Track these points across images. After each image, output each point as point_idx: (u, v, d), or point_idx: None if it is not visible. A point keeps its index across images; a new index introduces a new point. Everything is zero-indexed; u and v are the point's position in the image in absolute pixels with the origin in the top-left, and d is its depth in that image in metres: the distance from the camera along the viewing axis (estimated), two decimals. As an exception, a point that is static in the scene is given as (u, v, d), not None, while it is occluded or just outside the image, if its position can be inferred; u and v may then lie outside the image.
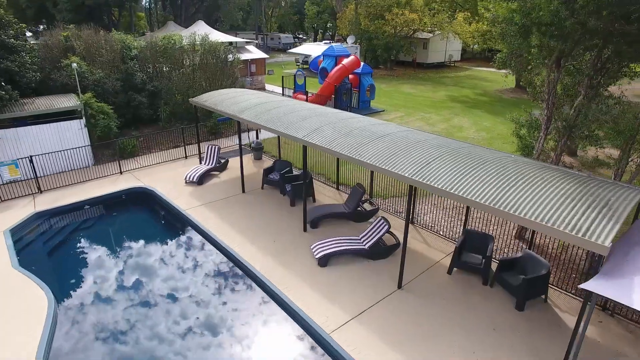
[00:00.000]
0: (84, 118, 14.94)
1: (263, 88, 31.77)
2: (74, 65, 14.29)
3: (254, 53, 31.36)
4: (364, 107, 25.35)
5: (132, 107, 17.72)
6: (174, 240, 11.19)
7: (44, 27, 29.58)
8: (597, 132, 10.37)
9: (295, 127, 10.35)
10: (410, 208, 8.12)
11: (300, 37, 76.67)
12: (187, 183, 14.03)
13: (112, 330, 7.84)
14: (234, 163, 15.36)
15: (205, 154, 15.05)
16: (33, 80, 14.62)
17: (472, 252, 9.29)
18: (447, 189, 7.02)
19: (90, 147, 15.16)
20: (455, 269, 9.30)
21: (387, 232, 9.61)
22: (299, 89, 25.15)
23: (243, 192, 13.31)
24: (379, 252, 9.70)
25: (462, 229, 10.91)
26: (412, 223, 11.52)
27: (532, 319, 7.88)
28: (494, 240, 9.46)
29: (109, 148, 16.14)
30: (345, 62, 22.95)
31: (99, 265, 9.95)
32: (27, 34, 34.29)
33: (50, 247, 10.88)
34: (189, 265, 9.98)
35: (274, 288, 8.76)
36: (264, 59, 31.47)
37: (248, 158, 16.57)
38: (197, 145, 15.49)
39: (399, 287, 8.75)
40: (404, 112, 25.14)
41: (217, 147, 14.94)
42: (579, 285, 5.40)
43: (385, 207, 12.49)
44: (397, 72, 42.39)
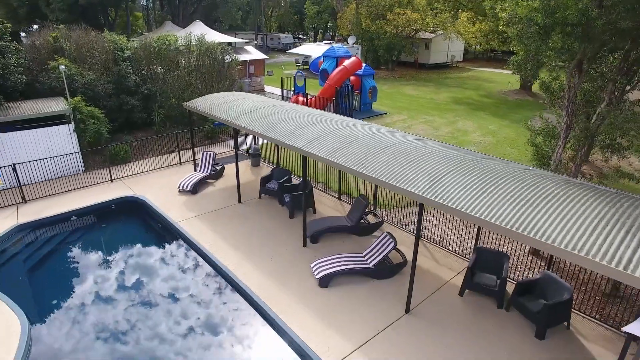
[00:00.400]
0: (73, 123, 14.24)
1: (262, 89, 31.07)
2: (62, 68, 13.58)
3: (253, 54, 30.65)
4: (366, 109, 24.65)
5: (124, 110, 17.00)
6: (165, 256, 10.47)
7: (39, 27, 28.81)
8: (619, 140, 9.65)
9: (294, 135, 9.63)
10: (420, 227, 7.41)
11: (300, 37, 75.93)
12: (180, 192, 13.31)
13: (92, 361, 7.14)
14: (231, 170, 14.63)
15: (200, 161, 14.34)
16: (18, 83, 13.90)
17: (485, 272, 8.57)
18: (461, 209, 6.31)
19: (80, 153, 14.44)
20: (467, 290, 8.59)
21: (393, 249, 8.90)
22: (299, 91, 24.44)
23: (239, 202, 12.59)
24: (385, 271, 8.99)
25: (473, 244, 10.20)
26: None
27: (554, 349, 7.16)
28: (509, 259, 8.74)
29: (100, 154, 15.43)
30: (347, 63, 22.23)
31: (83, 287, 9.23)
32: (21, 34, 33.55)
33: (31, 264, 10.16)
34: (180, 285, 9.26)
35: (271, 312, 8.04)
36: (263, 60, 30.76)
37: (245, 164, 15.86)
38: (192, 151, 14.74)
39: (407, 311, 8.03)
40: (407, 114, 24.42)
41: (212, 153, 14.23)
42: (623, 329, 4.69)
43: (390, 218, 11.77)
44: (398, 72, 41.67)
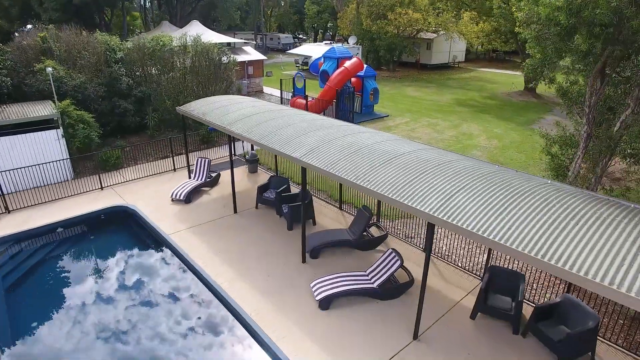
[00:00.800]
0: (62, 128, 13.58)
1: (261, 91, 30.41)
2: (49, 70, 12.92)
3: (251, 54, 29.98)
4: (367, 112, 24.00)
5: (116, 114, 16.34)
6: (154, 274, 9.80)
7: (33, 27, 28.15)
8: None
9: (292, 144, 8.97)
10: (431, 249, 6.75)
11: (300, 37, 75.24)
12: (173, 201, 12.66)
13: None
14: (227, 176, 13.96)
15: (195, 168, 13.67)
16: (3, 86, 13.25)
17: (499, 293, 7.92)
18: (477, 231, 5.65)
19: (68, 160, 13.77)
20: (480, 313, 7.93)
21: (399, 267, 8.24)
22: (298, 93, 23.78)
23: (235, 212, 11.93)
24: (390, 291, 8.34)
25: (484, 260, 9.55)
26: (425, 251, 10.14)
27: (577, 383, 6.52)
28: (525, 279, 8.09)
29: (91, 160, 14.78)
30: (348, 64, 21.57)
31: (65, 307, 8.57)
32: (15, 35, 32.88)
33: (9, 283, 9.48)
34: (170, 306, 8.60)
35: (266, 338, 7.38)
36: (262, 61, 30.09)
37: (242, 171, 15.20)
38: (185, 157, 14.08)
39: (415, 337, 7.38)
40: (410, 117, 23.77)
41: (207, 160, 13.56)
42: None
43: (394, 230, 11.12)
44: (400, 73, 41.03)
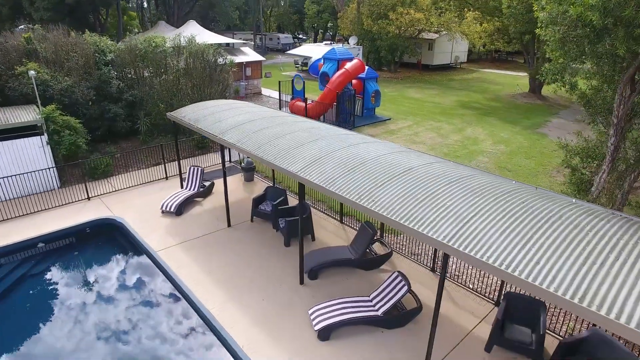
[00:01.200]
0: (46, 134, 12.84)
1: (259, 93, 29.67)
2: (31, 73, 12.17)
3: (250, 55, 29.23)
4: (369, 114, 23.26)
5: (106, 119, 15.58)
6: (139, 296, 9.04)
7: (25, 27, 27.39)
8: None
9: (289, 156, 8.22)
10: (444, 280, 5.99)
11: (300, 37, 74.48)
12: (163, 213, 11.91)
13: None
14: (222, 185, 13.14)
15: (187, 177, 12.92)
16: (-17, 91, 12.51)
17: (517, 323, 7.17)
18: (500, 266, 4.89)
19: (52, 168, 13.01)
20: (496, 346, 7.18)
21: (406, 293, 7.49)
22: (298, 95, 23.03)
23: (229, 225, 11.18)
24: (396, 319, 7.59)
25: (499, 282, 8.80)
26: (433, 271, 9.40)
27: None
28: (546, 308, 7.33)
29: (78, 168, 14.02)
30: (349, 66, 20.82)
31: (39, 336, 7.82)
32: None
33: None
34: (154, 333, 7.85)
35: (260, 375, 6.64)
36: (260, 62, 29.33)
37: (238, 179, 14.45)
38: (177, 166, 13.32)
39: (425, 373, 6.63)
40: (412, 120, 23.02)
41: (200, 169, 12.80)
42: None
43: (399, 246, 10.37)
44: (401, 74, 40.29)
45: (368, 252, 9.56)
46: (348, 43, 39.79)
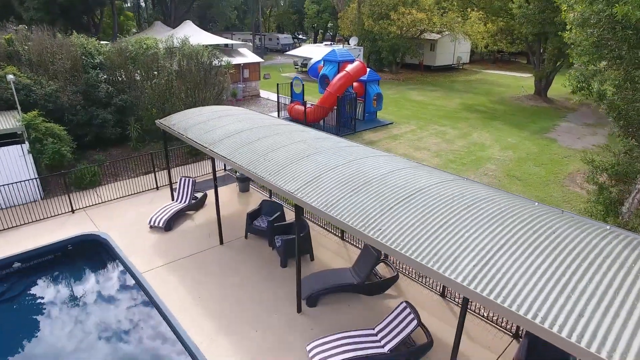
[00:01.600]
0: (28, 142, 12.03)
1: (257, 95, 28.87)
2: (10, 77, 11.37)
3: (248, 56, 28.42)
4: (370, 118, 22.45)
5: (94, 125, 14.76)
6: (121, 325, 8.24)
7: (16, 28, 26.56)
8: None
9: (286, 172, 7.41)
10: (462, 326, 5.19)
11: (300, 37, 73.67)
12: (151, 228, 11.10)
13: None
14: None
15: (178, 189, 12.11)
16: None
17: (542, 364, 6.36)
18: (538, 321, 4.06)
19: (33, 179, 12.20)
20: (518, 389, 6.38)
21: (416, 328, 6.68)
22: (297, 99, 22.21)
23: (221, 243, 10.37)
24: (405, 356, 6.78)
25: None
26: (443, 296, 8.59)
27: None
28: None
29: (64, 177, 13.21)
30: (349, 68, 20.00)
31: (7, 371, 7.03)
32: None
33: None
34: (135, 370, 7.06)
35: None
36: (258, 64, 28.51)
37: (232, 189, 13.64)
38: (168, 176, 12.50)
39: None
40: (416, 124, 22.20)
41: (191, 180, 11.99)
42: None
43: (406, 267, 9.55)
44: (402, 75, 39.47)
45: (372, 274, 8.76)
46: (348, 44, 39.00)
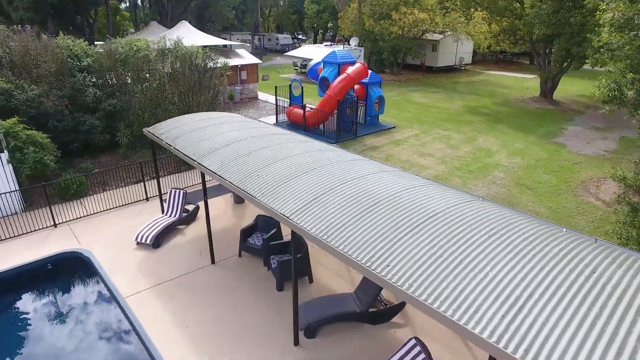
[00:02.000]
0: (6, 152, 11.26)
1: (255, 97, 28.09)
2: (-14, 83, 10.62)
3: (245, 58, 27.64)
4: (372, 122, 21.68)
5: (81, 132, 13.98)
6: (100, 356, 7.46)
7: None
8: None
9: (282, 191, 6.63)
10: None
11: (300, 37, 72.89)
12: (138, 244, 10.33)
13: None
14: (210, 208, 11.50)
15: (167, 201, 11.33)
16: None
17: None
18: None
19: (13, 192, 11.43)
20: None
21: (427, 369, 5.92)
22: (295, 102, 21.43)
23: (212, 262, 9.59)
24: (415, 401, 6.02)
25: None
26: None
27: None
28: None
29: (47, 188, 12.43)
30: (350, 71, 19.21)
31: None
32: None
33: None
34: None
35: None
36: (257, 65, 27.73)
37: (227, 200, 12.87)
38: (157, 188, 11.72)
39: None
40: (419, 128, 21.43)
41: (181, 192, 11.22)
42: None
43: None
44: (404, 76, 38.70)
45: (377, 301, 7.99)
46: (349, 44, 38.21)
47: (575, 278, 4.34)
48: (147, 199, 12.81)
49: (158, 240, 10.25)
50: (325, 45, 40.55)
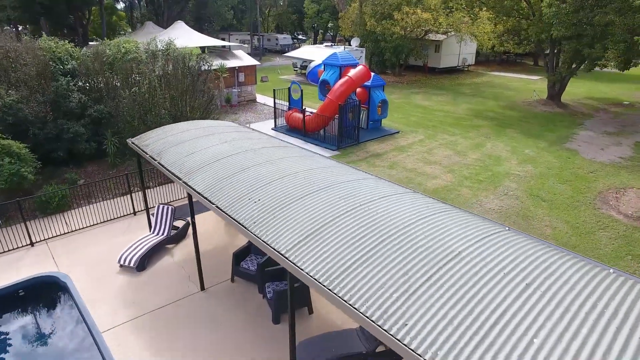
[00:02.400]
0: (-20, 164, 10.37)
1: (254, 100, 27.18)
2: (-44, 90, 9.71)
3: (243, 59, 26.72)
4: (374, 127, 20.77)
5: (65, 140, 13.07)
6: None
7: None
8: None
9: (277, 220, 5.71)
10: None
11: (300, 37, 71.99)
12: (122, 267, 9.42)
13: None
14: (198, 224, 10.57)
15: (155, 217, 10.41)
16: None
17: None
18: None
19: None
20: None
21: None
22: (295, 105, 20.52)
23: (202, 289, 8.68)
24: None
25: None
26: None
27: None
28: None
29: (26, 202, 11.52)
30: (352, 73, 18.29)
31: None
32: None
33: None
34: None
35: None
36: (255, 67, 26.81)
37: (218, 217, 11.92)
38: (144, 202, 10.81)
39: None
40: (424, 133, 20.51)
41: (170, 208, 10.30)
42: None
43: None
44: (406, 78, 37.80)
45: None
46: (349, 45, 37.31)
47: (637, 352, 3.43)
48: (134, 213, 11.90)
49: (143, 262, 9.34)
50: (326, 46, 39.64)
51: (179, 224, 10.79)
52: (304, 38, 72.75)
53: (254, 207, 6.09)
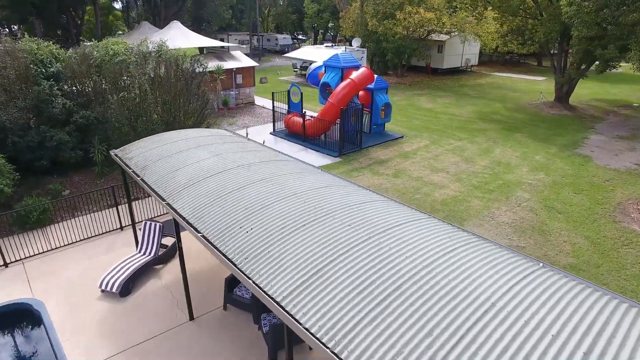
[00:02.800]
0: (-48, 177, 9.52)
1: (252, 102, 26.32)
2: None
3: (241, 60, 25.85)
4: (378, 131, 19.92)
5: (48, 148, 12.21)
6: None
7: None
8: None
9: (273, 256, 4.86)
10: None
11: (300, 37, 71.12)
12: (103, 292, 8.57)
13: None
14: (189, 242, 9.64)
15: (142, 236, 9.54)
16: None
17: None
18: None
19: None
20: None
21: None
22: (294, 109, 19.70)
23: (191, 318, 7.82)
24: None
25: None
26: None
27: None
28: None
29: (4, 215, 10.67)
30: (355, 76, 17.44)
31: None
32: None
33: None
34: None
35: None
36: (253, 68, 25.94)
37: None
38: (131, 220, 9.95)
39: None
40: (429, 138, 19.65)
41: (157, 225, 9.44)
42: None
43: None
44: (409, 79, 36.92)
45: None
46: (350, 45, 36.44)
47: None
48: (121, 228, 11.05)
49: (128, 287, 8.48)
50: (326, 46, 38.80)
51: (169, 242, 9.94)
52: (304, 38, 71.89)
53: (245, 238, 5.23)
